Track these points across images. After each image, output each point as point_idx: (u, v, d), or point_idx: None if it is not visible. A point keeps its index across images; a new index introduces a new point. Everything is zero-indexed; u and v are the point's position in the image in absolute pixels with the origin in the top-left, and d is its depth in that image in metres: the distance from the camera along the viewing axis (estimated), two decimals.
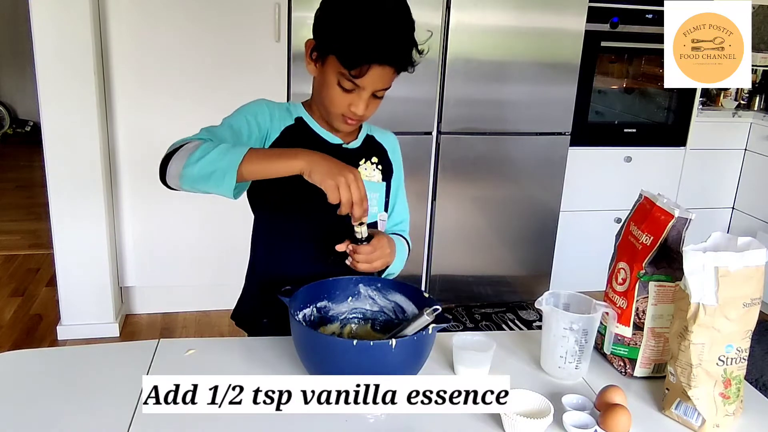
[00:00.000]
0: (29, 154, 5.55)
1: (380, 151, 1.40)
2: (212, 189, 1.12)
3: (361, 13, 1.17)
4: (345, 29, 1.18)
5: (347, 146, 1.35)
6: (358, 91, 1.21)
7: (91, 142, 2.61)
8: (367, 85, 1.20)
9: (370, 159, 1.37)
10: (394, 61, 1.19)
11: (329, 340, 1.12)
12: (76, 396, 1.09)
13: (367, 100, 1.23)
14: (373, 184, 1.35)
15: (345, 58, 1.17)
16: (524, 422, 1.01)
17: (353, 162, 1.34)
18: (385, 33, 1.17)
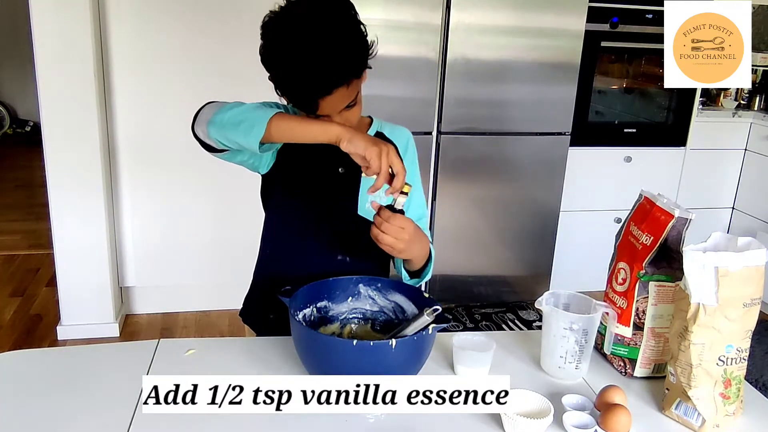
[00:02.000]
0: (29, 154, 5.54)
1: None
2: (239, 137, 1.11)
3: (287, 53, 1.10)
4: (278, 73, 1.13)
5: None
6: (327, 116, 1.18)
7: (91, 142, 2.61)
8: (328, 112, 1.17)
9: None
10: (339, 83, 1.12)
11: (329, 340, 1.12)
12: (76, 396, 1.09)
13: (341, 117, 1.19)
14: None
15: (290, 101, 1.16)
16: (524, 422, 1.01)
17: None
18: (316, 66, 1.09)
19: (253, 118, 1.10)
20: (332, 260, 1.35)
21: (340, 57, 1.10)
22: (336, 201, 1.33)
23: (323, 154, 1.27)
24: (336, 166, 1.33)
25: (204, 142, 1.20)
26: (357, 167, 1.26)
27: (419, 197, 1.44)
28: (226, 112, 1.13)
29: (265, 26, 1.13)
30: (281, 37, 1.11)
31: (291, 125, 1.12)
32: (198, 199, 2.90)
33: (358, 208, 1.33)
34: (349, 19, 1.13)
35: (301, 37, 1.09)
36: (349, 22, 1.13)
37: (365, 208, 1.32)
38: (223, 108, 1.14)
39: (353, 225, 1.31)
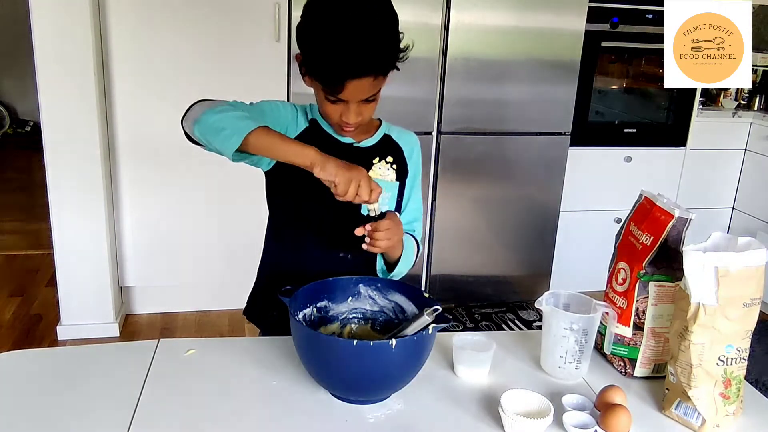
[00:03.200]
0: (29, 154, 5.55)
1: (396, 150, 1.39)
2: (217, 144, 1.13)
3: (328, 30, 1.14)
4: (314, 48, 1.16)
5: (359, 145, 1.35)
6: (345, 103, 1.21)
7: (91, 142, 2.61)
8: (349, 98, 1.20)
9: (385, 158, 1.37)
10: (369, 71, 1.16)
11: (329, 340, 1.12)
12: (76, 396, 1.09)
13: (358, 109, 1.23)
14: (386, 183, 1.35)
15: (319, 77, 1.18)
16: (524, 422, 1.01)
17: (367, 160, 1.34)
18: (354, 47, 1.13)
19: (234, 127, 1.11)
20: (334, 257, 1.36)
21: (379, 44, 1.15)
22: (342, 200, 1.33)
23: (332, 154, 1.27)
24: None
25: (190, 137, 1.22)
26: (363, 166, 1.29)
27: (416, 201, 1.45)
28: (212, 115, 1.14)
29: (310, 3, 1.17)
30: (326, 14, 1.14)
31: (270, 142, 1.13)
32: (198, 198, 2.89)
33: (362, 207, 1.33)
34: (391, 14, 1.19)
35: (347, 16, 1.13)
36: (391, 17, 1.19)
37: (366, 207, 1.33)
38: (212, 109, 1.15)
39: (356, 222, 1.32)
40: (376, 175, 1.35)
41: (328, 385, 1.11)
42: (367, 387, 1.09)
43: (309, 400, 1.10)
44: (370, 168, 1.34)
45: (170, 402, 1.08)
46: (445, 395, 1.14)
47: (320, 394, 1.12)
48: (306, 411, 1.08)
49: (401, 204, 1.40)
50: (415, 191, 1.44)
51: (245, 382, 1.15)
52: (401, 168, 1.39)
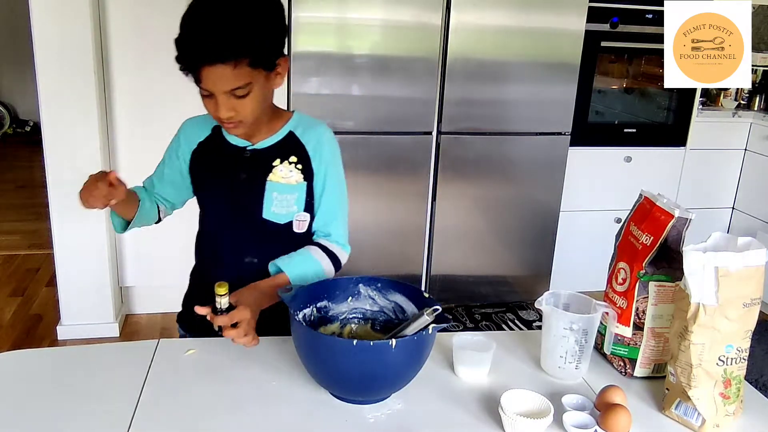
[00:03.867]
0: (29, 154, 5.55)
1: (300, 149, 1.34)
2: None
3: (187, 16, 1.18)
4: (178, 38, 1.20)
5: (253, 148, 1.33)
6: (213, 96, 1.20)
7: (91, 142, 2.61)
8: (212, 88, 1.18)
9: (287, 159, 1.33)
10: (220, 57, 1.14)
11: (329, 340, 1.12)
12: (76, 396, 1.09)
13: (228, 103, 1.20)
14: (287, 186, 1.33)
15: (181, 66, 1.19)
16: (524, 422, 1.01)
17: (265, 163, 1.32)
18: (205, 32, 1.15)
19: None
20: (241, 262, 1.36)
21: (232, 30, 1.15)
22: (241, 206, 1.35)
23: (227, 161, 1.34)
24: (238, 172, 1.34)
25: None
26: (260, 174, 1.32)
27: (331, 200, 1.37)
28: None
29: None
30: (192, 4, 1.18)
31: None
32: None
33: (263, 211, 1.34)
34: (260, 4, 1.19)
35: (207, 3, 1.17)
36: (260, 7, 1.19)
37: (270, 211, 1.34)
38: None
39: (259, 228, 1.34)
40: (277, 178, 1.32)
41: (328, 385, 1.11)
42: (367, 387, 1.09)
43: (309, 400, 1.10)
44: (271, 171, 1.32)
45: (170, 402, 1.08)
46: (445, 395, 1.14)
47: (320, 394, 1.12)
48: (306, 411, 1.08)
49: (312, 205, 1.36)
50: (329, 189, 1.37)
51: (245, 382, 1.15)
52: (307, 167, 1.34)
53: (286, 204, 1.33)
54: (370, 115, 2.85)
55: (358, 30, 2.78)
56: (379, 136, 2.89)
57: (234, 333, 1.15)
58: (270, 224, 1.34)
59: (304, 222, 1.37)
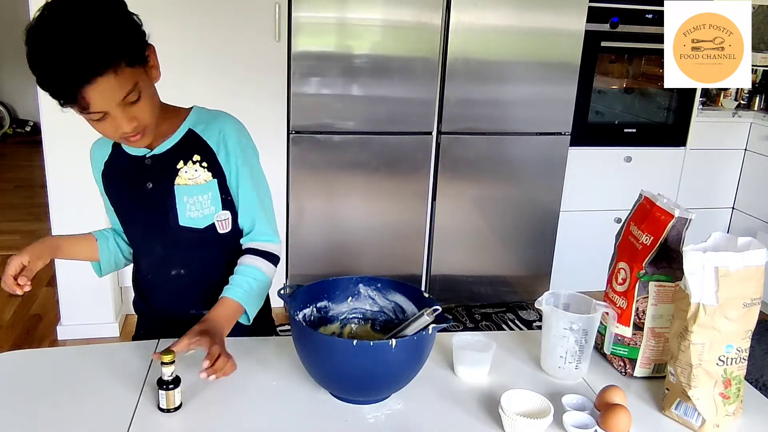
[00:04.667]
0: (29, 154, 5.55)
1: (201, 146, 1.26)
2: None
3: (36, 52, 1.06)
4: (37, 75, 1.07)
5: (153, 153, 1.26)
6: (107, 116, 1.11)
7: (91, 142, 2.59)
8: (102, 106, 1.09)
9: (191, 158, 1.26)
10: (96, 71, 1.04)
11: (329, 340, 1.12)
12: (76, 396, 1.09)
13: (125, 113, 1.12)
14: (195, 188, 1.26)
15: (57, 99, 1.08)
16: (524, 422, 1.01)
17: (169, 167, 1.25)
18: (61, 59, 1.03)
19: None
20: (167, 275, 1.34)
21: (94, 40, 1.04)
22: (155, 217, 1.29)
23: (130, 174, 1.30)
24: (143, 182, 1.28)
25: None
26: (166, 180, 1.26)
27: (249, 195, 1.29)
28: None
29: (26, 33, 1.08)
30: (36, 36, 1.06)
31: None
32: None
33: (179, 218, 1.27)
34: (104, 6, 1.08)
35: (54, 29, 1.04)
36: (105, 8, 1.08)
37: (186, 216, 1.27)
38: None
39: (179, 236, 1.28)
40: (184, 181, 1.25)
41: (328, 385, 1.11)
42: (367, 387, 1.09)
43: (309, 400, 1.10)
44: (177, 174, 1.25)
45: None
46: (445, 395, 1.14)
47: (320, 394, 1.12)
48: (306, 411, 1.08)
49: (231, 202, 1.29)
50: (243, 182, 1.28)
51: (245, 382, 1.15)
52: (213, 164, 1.26)
53: (201, 206, 1.26)
54: (370, 115, 2.85)
55: (358, 30, 2.78)
56: (379, 136, 2.89)
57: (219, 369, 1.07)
58: (189, 230, 1.27)
59: (227, 220, 1.29)
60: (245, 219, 1.31)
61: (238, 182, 1.28)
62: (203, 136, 1.27)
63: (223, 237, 1.30)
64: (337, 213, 2.96)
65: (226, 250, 1.32)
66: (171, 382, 1.04)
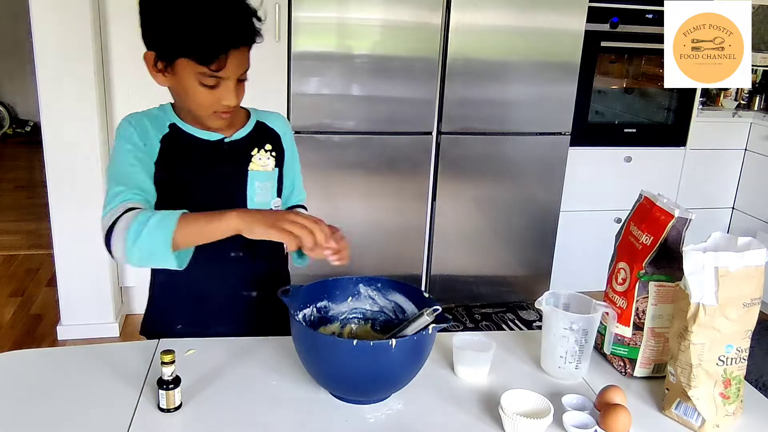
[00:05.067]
0: (29, 154, 5.55)
1: (273, 136, 1.36)
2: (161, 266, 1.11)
3: (194, 5, 1.12)
4: (187, 27, 1.12)
5: (231, 139, 1.31)
6: (224, 82, 1.18)
7: (91, 142, 2.61)
8: (231, 74, 1.17)
9: (263, 147, 1.34)
10: (248, 38, 1.15)
11: (329, 340, 1.12)
12: (76, 396, 1.09)
13: (237, 88, 1.20)
14: (266, 174, 1.33)
15: (199, 55, 1.13)
16: (524, 422, 1.01)
17: (244, 153, 1.31)
18: (229, 15, 1.13)
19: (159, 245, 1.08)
20: (227, 257, 1.33)
21: (250, 9, 1.16)
22: (225, 200, 1.31)
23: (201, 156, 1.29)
24: (216, 166, 1.30)
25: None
26: (241, 165, 1.30)
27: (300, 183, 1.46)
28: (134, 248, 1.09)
29: None
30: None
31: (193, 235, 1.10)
32: None
33: (248, 203, 1.32)
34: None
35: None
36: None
37: (254, 201, 1.32)
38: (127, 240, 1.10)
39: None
40: (257, 167, 1.32)
41: (328, 385, 1.11)
42: (368, 387, 1.09)
43: (309, 400, 1.10)
44: (250, 160, 1.32)
45: None
46: (445, 395, 1.14)
47: (320, 394, 1.12)
48: (306, 411, 1.08)
49: (281, 191, 1.38)
50: (298, 174, 1.45)
51: (245, 382, 1.15)
52: (279, 154, 1.37)
53: (265, 192, 1.33)
54: (370, 115, 2.85)
55: (358, 30, 2.78)
56: (379, 136, 2.89)
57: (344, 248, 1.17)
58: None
59: (279, 207, 1.38)
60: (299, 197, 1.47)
61: (294, 175, 1.43)
62: (273, 127, 1.37)
63: None
64: (337, 213, 2.96)
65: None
66: (171, 382, 1.04)
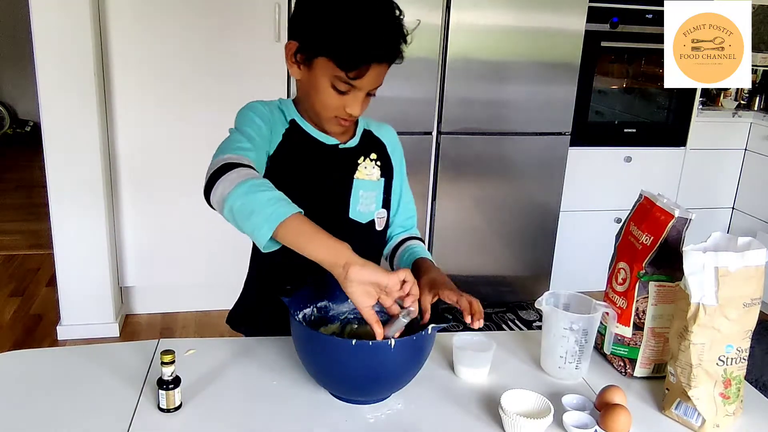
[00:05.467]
0: (29, 154, 5.54)
1: (379, 146, 1.36)
2: (247, 229, 1.05)
3: (353, 11, 1.12)
4: (339, 29, 1.11)
5: (344, 146, 1.30)
6: (354, 92, 1.17)
7: (91, 142, 2.61)
8: (365, 86, 1.17)
9: (369, 156, 1.33)
10: (393, 57, 1.16)
11: (328, 340, 1.12)
12: (76, 396, 1.09)
13: (365, 99, 1.20)
14: (371, 183, 1.32)
15: (342, 60, 1.12)
16: (524, 422, 1.01)
17: (352, 161, 1.31)
18: (382, 30, 1.13)
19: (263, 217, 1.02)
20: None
21: (402, 28, 1.17)
22: (329, 205, 1.29)
23: (316, 158, 1.28)
24: (329, 170, 1.29)
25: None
26: (349, 173, 1.28)
27: (409, 196, 1.45)
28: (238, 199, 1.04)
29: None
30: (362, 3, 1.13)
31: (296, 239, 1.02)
32: (198, 198, 2.87)
33: (350, 211, 1.31)
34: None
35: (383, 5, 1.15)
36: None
37: (356, 210, 1.31)
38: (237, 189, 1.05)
39: (344, 228, 1.28)
40: (362, 176, 1.31)
41: (328, 385, 1.11)
42: (367, 387, 1.09)
43: (309, 400, 1.10)
44: (357, 169, 1.31)
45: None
46: (445, 395, 1.14)
47: (320, 394, 1.12)
48: (306, 411, 1.08)
49: (388, 201, 1.37)
50: (406, 186, 1.43)
51: (245, 382, 1.15)
52: (385, 164, 1.35)
53: (369, 202, 1.32)
54: (370, 115, 2.84)
55: None
56: None
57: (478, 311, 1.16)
58: (354, 224, 1.31)
59: (383, 219, 1.37)
60: (404, 219, 1.43)
61: (402, 187, 1.41)
62: (379, 136, 1.37)
63: (378, 233, 1.36)
64: None
65: (376, 246, 1.38)
66: (171, 382, 1.04)
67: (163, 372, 1.04)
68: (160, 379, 1.04)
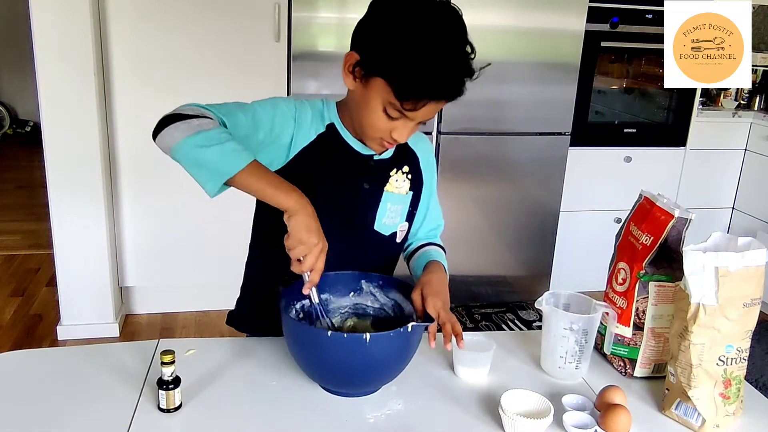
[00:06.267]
0: (29, 154, 5.55)
1: (412, 158, 1.33)
2: (196, 178, 1.06)
3: (424, 40, 1.04)
4: (405, 57, 1.04)
5: (379, 157, 1.27)
6: (405, 120, 1.13)
7: (91, 142, 2.61)
8: (418, 117, 1.13)
9: (401, 168, 1.30)
10: (454, 96, 1.10)
11: (307, 330, 1.12)
12: (76, 396, 1.09)
13: (413, 129, 1.17)
14: (400, 197, 1.30)
15: (400, 89, 1.07)
16: (524, 422, 1.01)
17: (384, 173, 1.28)
18: (449, 69, 1.06)
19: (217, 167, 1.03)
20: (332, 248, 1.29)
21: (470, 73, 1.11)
22: (355, 216, 1.28)
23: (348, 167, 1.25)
24: (360, 181, 1.27)
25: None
26: (380, 184, 1.27)
27: (437, 208, 1.44)
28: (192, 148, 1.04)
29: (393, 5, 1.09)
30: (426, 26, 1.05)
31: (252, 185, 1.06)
32: (198, 198, 2.86)
33: (375, 222, 1.29)
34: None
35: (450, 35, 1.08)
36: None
37: (382, 222, 1.29)
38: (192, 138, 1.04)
39: (368, 239, 1.29)
40: (392, 189, 1.29)
41: (313, 377, 1.12)
42: (349, 379, 1.10)
43: (309, 400, 1.10)
44: (387, 181, 1.29)
45: None
46: (445, 395, 1.14)
47: (320, 393, 1.12)
48: (306, 411, 1.08)
49: (413, 214, 1.35)
50: (434, 199, 1.41)
51: (245, 382, 1.15)
52: (416, 177, 1.33)
53: (395, 215, 1.30)
54: None
55: None
56: None
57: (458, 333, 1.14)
58: (378, 236, 1.29)
59: (404, 232, 1.35)
60: (428, 230, 1.43)
61: (430, 200, 1.40)
62: (414, 148, 1.33)
63: (396, 245, 1.35)
64: None
65: (394, 257, 1.37)
66: (171, 382, 1.04)
67: (163, 372, 1.04)
68: (160, 379, 1.04)
